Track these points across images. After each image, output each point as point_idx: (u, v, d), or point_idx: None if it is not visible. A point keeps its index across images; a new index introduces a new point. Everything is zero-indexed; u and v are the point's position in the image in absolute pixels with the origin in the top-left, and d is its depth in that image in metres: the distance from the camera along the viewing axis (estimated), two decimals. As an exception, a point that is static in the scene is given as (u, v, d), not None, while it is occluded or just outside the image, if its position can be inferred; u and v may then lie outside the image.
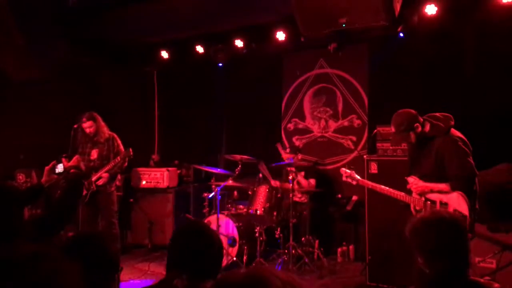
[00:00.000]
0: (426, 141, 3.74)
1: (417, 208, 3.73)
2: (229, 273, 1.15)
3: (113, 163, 5.54)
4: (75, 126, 5.55)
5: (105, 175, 5.55)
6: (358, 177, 4.22)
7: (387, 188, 3.97)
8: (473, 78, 5.63)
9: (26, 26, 5.71)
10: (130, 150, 5.54)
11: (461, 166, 3.54)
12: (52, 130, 6.28)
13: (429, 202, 3.67)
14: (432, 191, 3.66)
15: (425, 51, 5.94)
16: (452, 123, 3.72)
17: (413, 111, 3.79)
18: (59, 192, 3.62)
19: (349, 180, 4.27)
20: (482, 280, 1.94)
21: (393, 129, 3.82)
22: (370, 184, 4.17)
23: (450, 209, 3.50)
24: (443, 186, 3.59)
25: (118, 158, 5.52)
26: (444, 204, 3.58)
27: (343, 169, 4.35)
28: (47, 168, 3.70)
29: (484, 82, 5.54)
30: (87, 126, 5.64)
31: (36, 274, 1.00)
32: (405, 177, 3.84)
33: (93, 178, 5.57)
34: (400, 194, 3.85)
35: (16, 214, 2.50)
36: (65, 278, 1.03)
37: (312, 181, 6.36)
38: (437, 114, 3.79)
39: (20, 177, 6.56)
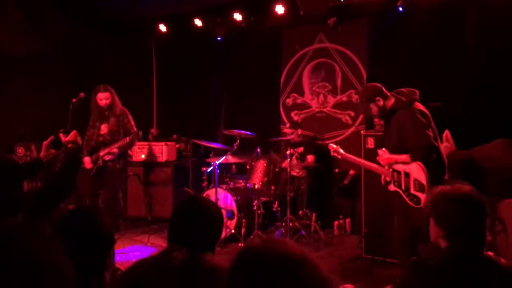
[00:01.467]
0: (391, 115, 3.90)
1: (387, 179, 3.95)
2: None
3: (122, 142, 5.49)
4: (74, 100, 5.50)
5: (115, 150, 5.53)
6: (342, 152, 4.38)
7: (364, 160, 4.42)
8: (473, 52, 5.61)
9: (22, 0, 5.66)
10: (140, 133, 5.59)
11: (417, 137, 3.68)
12: (51, 104, 6.28)
13: (395, 173, 3.87)
14: (396, 162, 3.86)
15: (425, 25, 5.89)
16: (416, 97, 3.85)
17: (378, 85, 3.98)
18: (57, 166, 3.65)
19: (335, 154, 4.43)
20: (493, 255, 1.99)
21: (358, 98, 4.06)
22: (352, 157, 4.36)
23: (412, 179, 3.73)
24: (404, 157, 3.78)
25: (128, 138, 5.45)
26: (407, 174, 3.78)
27: (331, 144, 4.52)
28: (45, 143, 3.72)
29: (484, 56, 5.52)
30: (104, 97, 5.55)
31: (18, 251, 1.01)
32: (377, 150, 4.05)
33: (101, 153, 5.55)
34: (373, 166, 4.10)
35: (15, 187, 2.53)
36: (48, 256, 1.05)
37: (310, 157, 6.40)
38: (403, 89, 3.93)
39: (20, 150, 6.58)
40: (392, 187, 3.98)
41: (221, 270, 1.68)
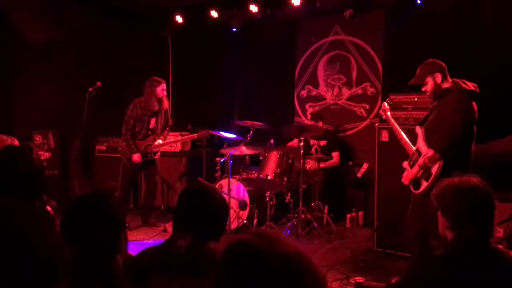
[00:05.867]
0: (443, 96, 3.81)
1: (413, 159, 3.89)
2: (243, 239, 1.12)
3: (185, 138, 6.09)
4: (90, 89, 5.57)
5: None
6: (389, 115, 4.30)
7: (400, 131, 4.12)
8: (490, 45, 5.53)
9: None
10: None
11: (455, 113, 3.61)
12: (68, 93, 6.36)
13: (416, 153, 3.86)
14: (416, 178, 3.81)
15: (442, 18, 5.82)
16: (475, 91, 3.74)
17: (444, 64, 3.89)
18: None
19: (382, 113, 4.37)
20: (501, 247, 1.99)
21: (418, 69, 3.93)
22: (394, 124, 4.22)
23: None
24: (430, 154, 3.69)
25: (195, 135, 6.01)
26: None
27: (385, 102, 4.41)
28: None
29: (501, 49, 5.44)
30: (164, 88, 5.75)
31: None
32: (416, 127, 3.98)
33: (154, 149, 5.80)
34: (404, 139, 4.04)
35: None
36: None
37: (336, 155, 6.41)
38: (466, 81, 3.83)
39: (37, 138, 6.71)
40: (405, 164, 3.98)
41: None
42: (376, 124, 5.29)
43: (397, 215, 4.86)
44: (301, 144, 5.66)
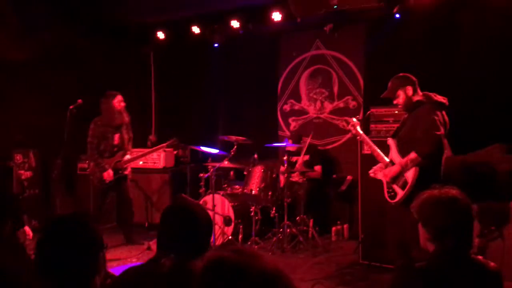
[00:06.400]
0: (414, 109, 3.93)
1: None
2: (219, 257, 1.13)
3: (156, 148, 6.05)
4: (72, 107, 5.53)
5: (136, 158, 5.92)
6: (359, 129, 4.38)
7: (372, 143, 4.25)
8: (469, 58, 5.64)
9: (20, 5, 5.69)
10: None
11: (431, 127, 3.69)
12: (49, 111, 6.28)
13: (391, 163, 3.97)
14: (395, 176, 3.88)
15: (421, 32, 5.93)
16: (445, 104, 3.85)
17: (415, 78, 4.02)
18: None
19: (351, 128, 4.44)
20: (481, 258, 2.01)
21: (390, 83, 4.07)
22: (364, 137, 4.36)
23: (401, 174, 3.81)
24: (407, 160, 3.79)
25: (165, 144, 5.98)
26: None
27: (353, 118, 4.48)
28: None
29: (479, 62, 5.55)
30: (121, 99, 5.70)
31: None
32: (387, 139, 4.12)
33: (124, 164, 5.76)
34: (376, 150, 4.14)
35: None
36: None
37: (318, 168, 6.44)
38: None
39: (18, 157, 6.61)
40: (380, 175, 4.05)
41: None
42: (358, 137, 5.33)
43: (382, 227, 4.88)
44: (285, 158, 5.69)
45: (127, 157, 5.80)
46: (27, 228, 2.82)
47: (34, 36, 6.16)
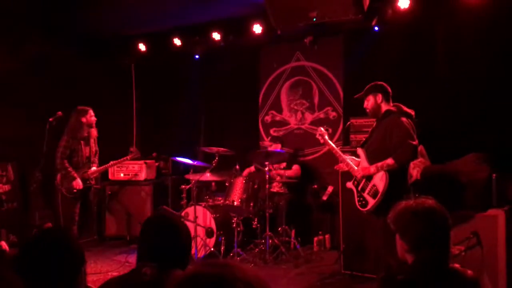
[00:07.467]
0: (382, 118, 4.06)
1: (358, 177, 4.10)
2: (198, 270, 1.13)
3: (120, 160, 5.99)
4: (51, 119, 5.50)
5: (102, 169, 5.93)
6: (327, 138, 4.57)
7: (340, 152, 4.43)
8: (444, 70, 5.77)
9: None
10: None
11: (406, 136, 3.81)
12: (27, 124, 6.22)
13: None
14: (370, 175, 3.99)
15: (399, 44, 6.05)
16: (411, 114, 4.00)
17: (389, 88, 4.17)
18: None
19: (319, 137, 4.59)
20: (459, 266, 2.03)
21: (366, 87, 4.22)
22: (331, 145, 4.52)
23: (371, 183, 3.94)
24: (383, 163, 3.88)
25: (129, 157, 6.00)
26: (369, 177, 3.99)
27: (321, 128, 4.63)
28: None
29: (454, 72, 5.68)
30: (92, 114, 5.75)
31: None
32: (357, 149, 4.25)
33: (91, 175, 5.77)
34: (344, 159, 4.29)
35: None
36: None
37: (296, 167, 6.48)
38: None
39: (-4, 170, 6.50)
40: (349, 184, 4.12)
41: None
42: (339, 148, 5.38)
43: (363, 237, 4.92)
44: (266, 169, 5.71)
45: (93, 169, 5.80)
46: (3, 243, 2.78)
47: (10, 49, 6.11)
